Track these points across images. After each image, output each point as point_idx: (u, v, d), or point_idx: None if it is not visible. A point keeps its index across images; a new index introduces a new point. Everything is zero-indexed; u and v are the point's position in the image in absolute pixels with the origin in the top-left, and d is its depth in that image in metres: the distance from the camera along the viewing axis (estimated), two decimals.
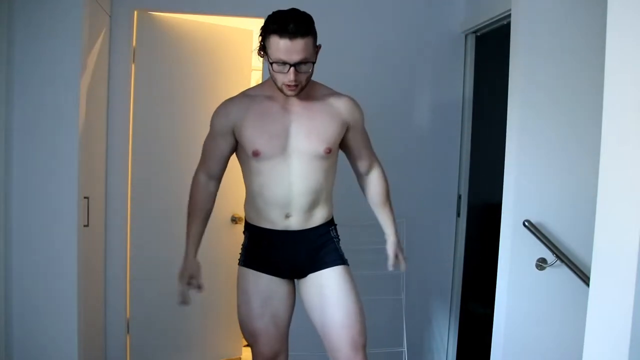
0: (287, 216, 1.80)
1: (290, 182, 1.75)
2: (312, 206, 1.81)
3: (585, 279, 1.91)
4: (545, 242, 2.00)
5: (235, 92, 1.92)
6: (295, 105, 1.77)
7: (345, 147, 1.91)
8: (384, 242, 1.97)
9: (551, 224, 2.04)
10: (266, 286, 1.82)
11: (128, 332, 2.72)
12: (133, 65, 2.64)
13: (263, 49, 1.70)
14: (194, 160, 1.94)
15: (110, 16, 2.56)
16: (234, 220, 2.98)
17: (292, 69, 1.63)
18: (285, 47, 1.60)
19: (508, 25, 2.18)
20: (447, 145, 2.84)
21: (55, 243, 2.09)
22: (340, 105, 1.82)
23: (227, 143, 1.83)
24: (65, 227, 2.10)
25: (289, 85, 1.67)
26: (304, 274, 1.85)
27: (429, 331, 2.91)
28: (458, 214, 2.86)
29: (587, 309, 1.16)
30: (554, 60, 2.05)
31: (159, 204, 2.73)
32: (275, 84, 1.71)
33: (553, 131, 2.06)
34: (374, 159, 1.98)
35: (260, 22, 2.66)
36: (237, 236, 3.02)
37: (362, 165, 1.95)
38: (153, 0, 2.64)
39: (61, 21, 2.06)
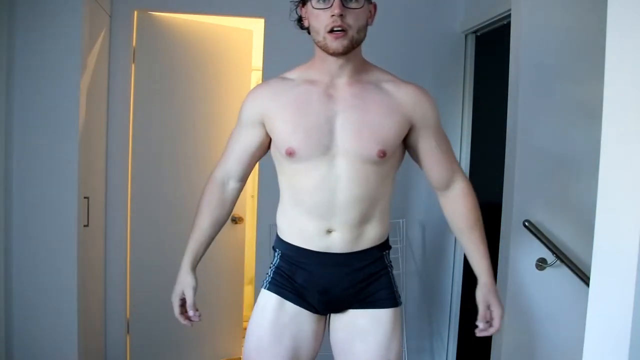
0: (329, 231, 1.41)
1: (335, 189, 1.38)
2: (362, 221, 1.42)
3: (585, 279, 1.91)
4: (545, 242, 2.00)
5: (235, 93, 1.89)
6: (343, 91, 1.39)
7: (412, 152, 1.48)
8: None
9: (551, 224, 2.04)
10: (291, 320, 1.44)
11: (128, 332, 2.72)
12: (133, 65, 2.64)
13: (303, 2, 1.39)
14: (194, 160, 1.94)
15: (110, 16, 2.56)
16: (234, 220, 2.98)
17: (336, 1, 1.28)
18: None
19: (508, 25, 2.18)
20: None
21: (55, 243, 2.09)
22: (403, 96, 1.41)
23: (253, 137, 1.47)
24: (65, 227, 2.10)
25: (333, 31, 1.30)
26: (343, 309, 1.47)
27: (429, 331, 2.91)
28: None
29: (587, 309, 1.16)
30: (553, 60, 2.05)
31: (159, 204, 2.73)
32: (317, 38, 1.35)
33: (553, 131, 2.06)
34: (456, 170, 1.50)
35: (260, 22, 2.70)
36: (238, 236, 3.04)
37: (438, 177, 1.49)
38: (153, 0, 2.64)
39: (61, 21, 2.07)
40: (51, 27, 2.06)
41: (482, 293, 1.45)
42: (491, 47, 2.72)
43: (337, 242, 1.42)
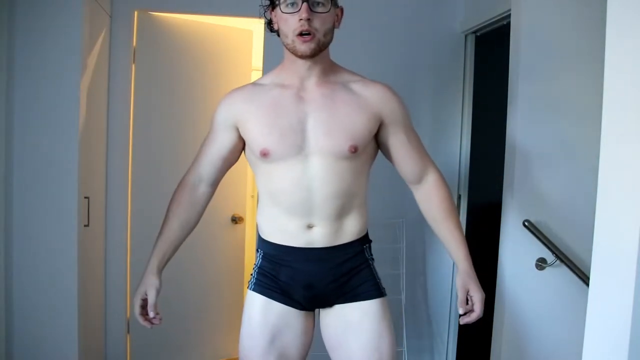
0: (310, 227, 1.46)
1: (311, 187, 1.43)
2: (340, 215, 1.47)
3: (585, 279, 1.91)
4: (545, 242, 2.00)
5: None
6: (313, 92, 1.45)
7: (384, 149, 1.54)
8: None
9: (551, 224, 2.04)
10: (278, 318, 1.48)
11: (128, 332, 2.72)
12: (133, 65, 2.64)
13: (272, 6, 1.44)
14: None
15: (110, 16, 2.56)
16: (234, 220, 2.98)
17: (304, 5, 1.34)
18: None
19: (508, 25, 2.18)
20: (447, 145, 2.84)
21: (55, 243, 2.09)
22: (371, 94, 1.47)
23: (226, 140, 1.52)
24: (65, 227, 2.10)
25: (301, 35, 1.35)
26: (329, 304, 1.52)
27: (429, 331, 2.91)
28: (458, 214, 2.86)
29: (587, 308, 1.16)
30: (553, 60, 2.05)
31: (159, 204, 2.71)
32: (286, 41, 1.40)
33: (553, 131, 2.06)
34: (427, 163, 1.56)
35: (260, 22, 2.69)
36: (238, 236, 3.04)
37: (411, 171, 1.55)
38: (153, 0, 2.64)
39: (61, 21, 2.07)
40: (51, 27, 2.06)
41: (461, 279, 1.48)
42: (491, 47, 2.72)
43: (318, 236, 1.47)
